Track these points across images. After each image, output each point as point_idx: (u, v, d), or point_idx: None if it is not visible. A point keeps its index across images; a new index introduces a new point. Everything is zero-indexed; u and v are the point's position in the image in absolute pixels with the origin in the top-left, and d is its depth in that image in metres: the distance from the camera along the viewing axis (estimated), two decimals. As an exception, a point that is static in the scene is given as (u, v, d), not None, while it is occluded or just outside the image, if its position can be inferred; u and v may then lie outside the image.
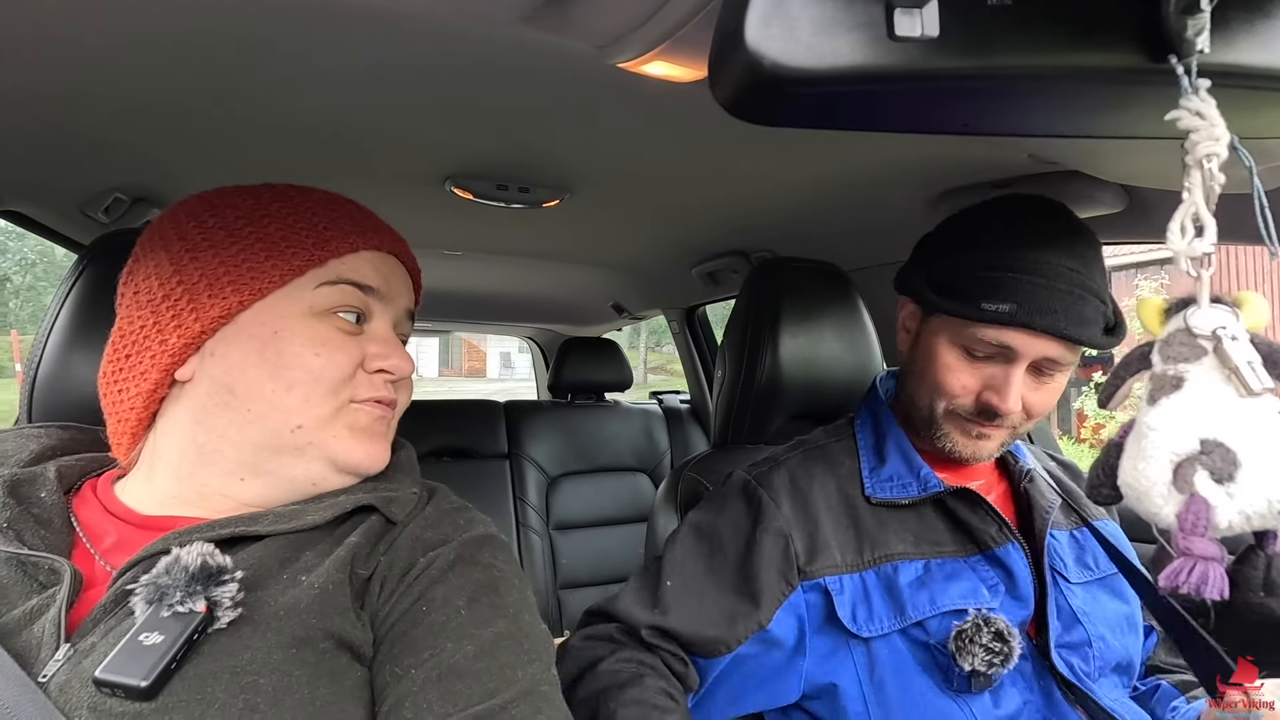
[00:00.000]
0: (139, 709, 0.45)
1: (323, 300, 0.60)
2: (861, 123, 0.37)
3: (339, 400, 0.59)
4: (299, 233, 0.60)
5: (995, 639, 0.72)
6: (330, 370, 0.58)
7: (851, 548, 0.81)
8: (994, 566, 0.80)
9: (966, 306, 0.76)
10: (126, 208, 1.20)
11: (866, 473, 0.86)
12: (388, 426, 0.64)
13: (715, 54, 0.35)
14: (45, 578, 0.52)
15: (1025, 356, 0.75)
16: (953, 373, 0.79)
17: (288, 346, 0.57)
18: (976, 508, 0.82)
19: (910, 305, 0.88)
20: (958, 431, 0.81)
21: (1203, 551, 0.37)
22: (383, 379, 0.62)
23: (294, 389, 0.57)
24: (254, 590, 0.52)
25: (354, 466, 0.60)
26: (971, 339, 0.77)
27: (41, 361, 0.77)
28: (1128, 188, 0.98)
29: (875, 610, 0.77)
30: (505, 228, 1.55)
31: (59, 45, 0.70)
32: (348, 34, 0.69)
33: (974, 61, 0.31)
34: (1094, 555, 0.86)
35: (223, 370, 0.57)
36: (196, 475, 0.58)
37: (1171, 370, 0.41)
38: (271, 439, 0.58)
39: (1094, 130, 0.41)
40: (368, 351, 0.61)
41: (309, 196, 0.63)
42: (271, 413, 0.57)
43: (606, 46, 0.56)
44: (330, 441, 0.59)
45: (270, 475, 0.59)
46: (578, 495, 2.27)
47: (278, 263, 0.58)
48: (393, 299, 0.64)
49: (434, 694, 0.50)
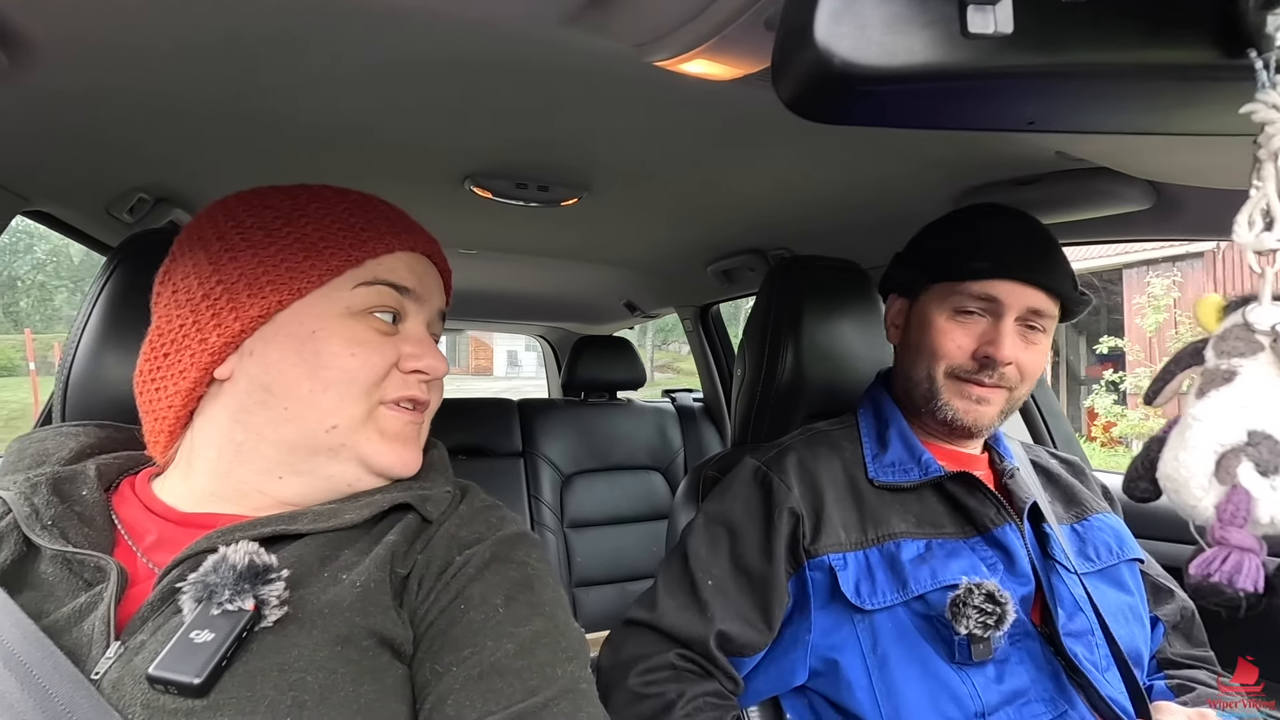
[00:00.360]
0: (191, 706, 0.46)
1: (360, 301, 0.60)
2: (928, 121, 0.37)
3: (372, 401, 0.59)
4: (336, 234, 0.60)
5: (987, 600, 0.75)
6: (365, 370, 0.59)
7: (855, 526, 0.84)
8: (992, 547, 0.83)
9: (951, 270, 0.85)
10: (150, 208, 1.21)
11: (870, 458, 0.89)
12: (419, 431, 0.64)
13: (779, 51, 0.34)
14: (91, 575, 0.53)
15: (1012, 308, 0.83)
16: (946, 334, 0.86)
17: (325, 346, 0.58)
18: (975, 491, 0.85)
19: (897, 302, 0.96)
20: (958, 398, 0.86)
21: (1239, 542, 0.36)
22: (417, 379, 0.62)
23: (330, 389, 0.57)
24: (297, 589, 0.52)
25: (385, 470, 0.60)
26: (960, 298, 0.85)
27: (75, 361, 0.78)
28: (1155, 184, 0.97)
29: (878, 584, 0.80)
30: (521, 226, 1.55)
31: (89, 47, 0.70)
32: (374, 33, 0.69)
33: (1046, 59, 0.31)
34: (1094, 547, 0.89)
35: (261, 369, 0.58)
36: (234, 473, 0.59)
37: (1225, 365, 0.40)
38: (307, 439, 0.58)
39: (1161, 127, 0.40)
40: (402, 351, 0.61)
41: (345, 198, 0.64)
42: (308, 412, 0.57)
43: (646, 45, 0.56)
44: (363, 444, 0.59)
45: (308, 475, 0.59)
46: (592, 493, 2.27)
47: (315, 263, 0.59)
48: (426, 299, 0.65)
49: (476, 692, 0.50)
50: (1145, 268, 7.95)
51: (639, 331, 17.34)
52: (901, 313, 0.94)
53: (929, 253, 0.91)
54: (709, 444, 2.46)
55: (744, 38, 0.48)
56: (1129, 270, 8.18)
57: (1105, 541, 0.90)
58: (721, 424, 2.51)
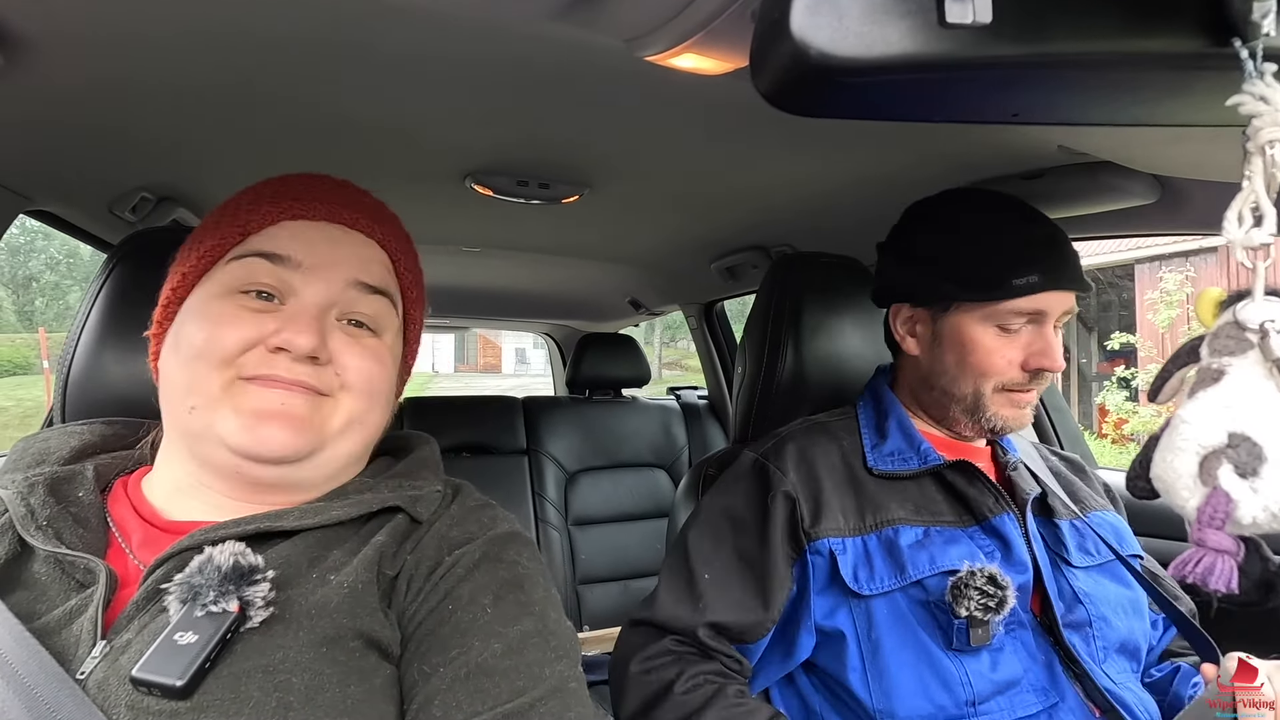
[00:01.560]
0: (175, 707, 0.46)
1: (232, 277, 0.57)
2: (909, 113, 0.36)
3: (226, 377, 0.55)
4: (224, 216, 0.61)
5: (989, 583, 0.75)
6: (213, 345, 0.55)
7: (854, 513, 0.84)
8: (990, 536, 0.83)
9: (998, 288, 0.81)
10: (152, 206, 1.22)
11: (869, 448, 0.89)
12: (304, 411, 0.56)
13: (758, 43, 0.34)
14: (82, 577, 0.53)
15: (1052, 315, 0.83)
16: (995, 353, 0.83)
17: (184, 328, 0.58)
18: (974, 480, 0.85)
19: (908, 310, 0.91)
20: (1007, 406, 0.85)
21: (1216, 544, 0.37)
22: (285, 358, 0.56)
23: (184, 368, 0.56)
24: (284, 589, 0.52)
25: (241, 449, 0.55)
26: (1006, 316, 0.82)
27: (74, 359, 0.78)
28: (1160, 178, 0.95)
29: (876, 570, 0.80)
30: (524, 224, 1.54)
31: (88, 47, 0.71)
32: (374, 31, 0.69)
33: (1027, 48, 0.30)
34: (1095, 543, 0.89)
35: (160, 360, 0.60)
36: (174, 462, 0.60)
37: (1215, 363, 0.40)
38: (179, 422, 0.57)
39: (1149, 118, 0.39)
40: (269, 329, 0.56)
41: (266, 182, 0.63)
42: (173, 393, 0.57)
43: (636, 39, 0.55)
44: (218, 422, 0.55)
45: (207, 462, 0.57)
46: (596, 491, 2.28)
47: (198, 246, 0.60)
48: (321, 268, 0.58)
49: (463, 692, 0.50)
50: (1157, 263, 7.87)
51: (646, 329, 17.29)
52: (918, 323, 0.90)
53: (955, 264, 0.85)
54: (713, 441, 2.46)
55: (731, 31, 0.47)
56: (1140, 265, 8.10)
57: (1105, 538, 0.90)
58: (726, 421, 2.50)
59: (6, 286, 19.63)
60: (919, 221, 0.92)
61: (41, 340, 13.01)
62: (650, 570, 2.22)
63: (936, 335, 0.88)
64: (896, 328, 0.93)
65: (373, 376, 0.60)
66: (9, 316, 19.74)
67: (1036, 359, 0.82)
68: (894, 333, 0.94)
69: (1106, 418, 8.00)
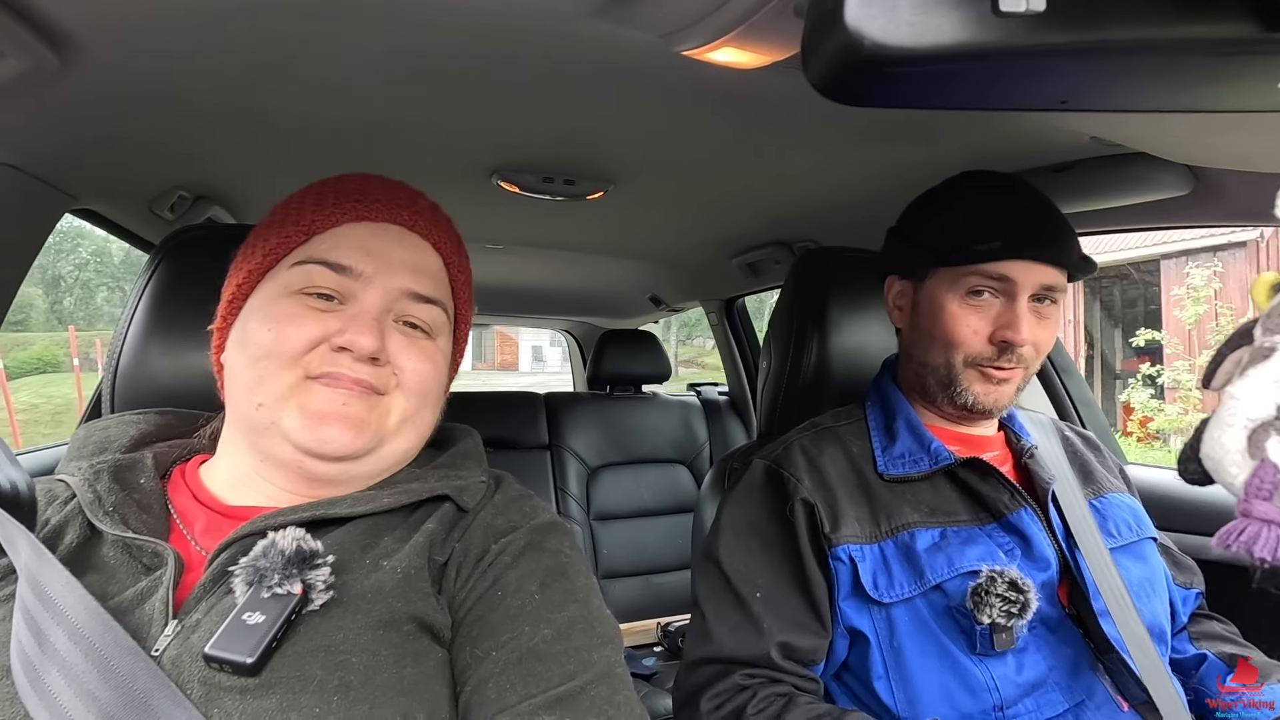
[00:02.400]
0: (245, 684, 0.48)
1: (295, 280, 0.60)
2: (959, 101, 0.37)
3: (294, 376, 0.57)
4: (288, 215, 0.62)
5: (1010, 588, 0.74)
6: (281, 344, 0.57)
7: (868, 520, 0.83)
8: (1009, 533, 0.82)
9: (961, 252, 0.82)
10: (189, 205, 1.25)
11: (879, 451, 0.88)
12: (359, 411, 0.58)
13: (809, 34, 0.34)
14: (149, 560, 0.55)
15: (1024, 288, 0.82)
16: (961, 320, 0.83)
17: (251, 326, 0.60)
18: (988, 477, 0.84)
19: (898, 284, 0.93)
20: (978, 381, 0.84)
21: (1262, 514, 0.37)
22: (347, 358, 0.58)
23: (252, 366, 0.58)
24: (340, 574, 0.54)
25: (307, 447, 0.57)
26: (971, 281, 0.83)
27: (121, 354, 0.81)
28: (1195, 170, 0.94)
29: (895, 577, 0.79)
30: (547, 220, 1.56)
31: (132, 47, 0.73)
32: (406, 29, 0.71)
33: (1079, 35, 0.31)
34: (1115, 523, 0.87)
35: (226, 355, 0.62)
36: (235, 455, 0.62)
37: (1268, 341, 0.40)
38: (246, 418, 0.59)
39: (1199, 105, 0.39)
40: (332, 328, 0.58)
41: (327, 180, 0.65)
42: (241, 390, 0.59)
43: (673, 34, 0.56)
44: (284, 420, 0.57)
45: (270, 457, 0.59)
46: (618, 486, 2.29)
47: (263, 245, 0.61)
48: (380, 275, 0.60)
49: (515, 676, 0.52)
50: (1184, 258, 7.72)
51: (663, 326, 17.36)
52: (904, 295, 0.92)
53: (932, 233, 0.87)
54: (734, 437, 2.46)
55: (773, 24, 0.48)
56: (1167, 260, 7.96)
57: (1124, 519, 0.89)
58: (747, 417, 2.50)
59: (39, 286, 20.11)
60: (915, 202, 0.94)
61: (71, 338, 13.28)
62: (671, 565, 2.23)
63: (916, 305, 0.90)
64: (889, 301, 0.95)
65: (426, 377, 0.62)
66: (40, 315, 20.21)
67: (1001, 331, 0.82)
68: (887, 307, 0.96)
69: (1131, 415, 7.87)
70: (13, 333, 16.99)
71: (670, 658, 1.95)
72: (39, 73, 0.71)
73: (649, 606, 2.14)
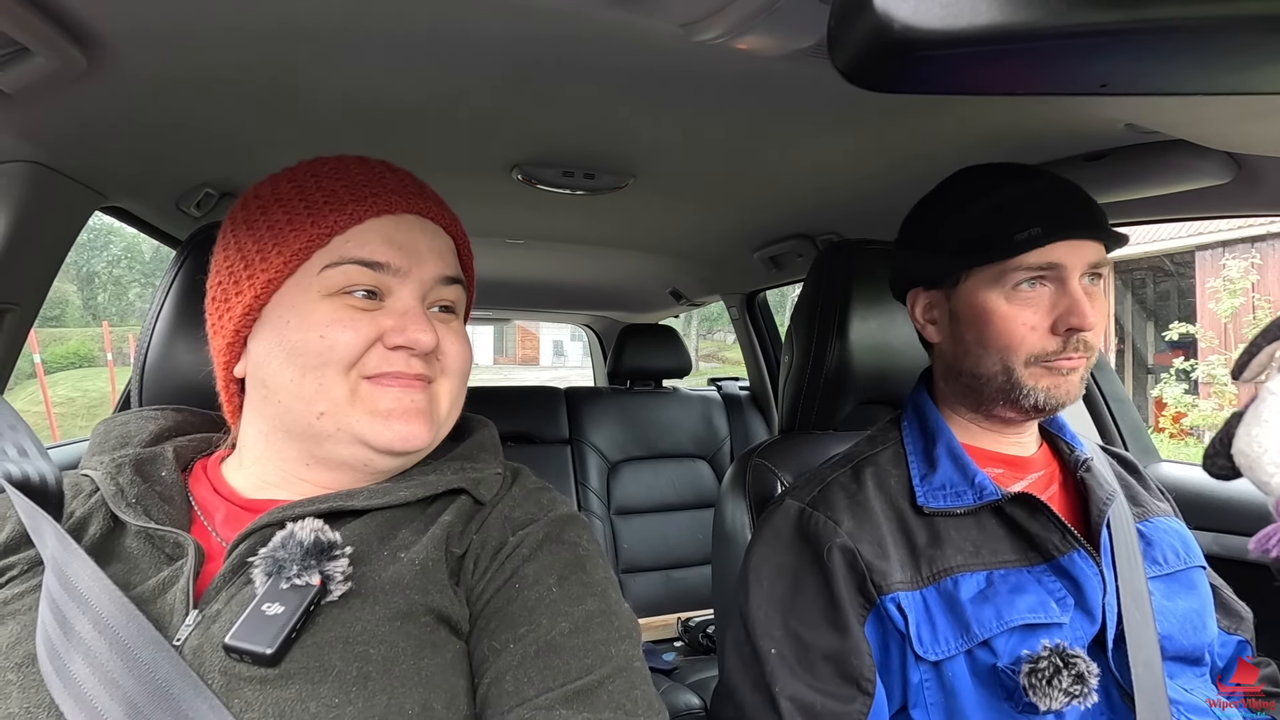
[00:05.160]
0: (265, 674, 0.48)
1: (332, 283, 0.58)
2: (992, 86, 0.35)
3: (352, 381, 0.57)
4: (300, 214, 0.59)
5: (1076, 682, 0.67)
6: (337, 351, 0.56)
7: (910, 564, 0.76)
8: (1060, 577, 0.75)
9: (999, 247, 0.75)
10: (215, 202, 1.26)
11: (917, 480, 0.81)
12: (422, 404, 0.59)
13: (836, 19, 0.33)
14: (171, 550, 0.56)
15: (1074, 269, 0.75)
16: (1014, 319, 0.76)
17: (297, 333, 0.57)
18: (1037, 514, 0.77)
19: (923, 296, 0.86)
20: (1045, 377, 0.77)
21: None
22: (404, 355, 0.58)
23: (307, 375, 0.57)
24: (358, 565, 0.54)
25: (386, 447, 0.58)
26: (1016, 274, 0.76)
27: (149, 349, 0.82)
28: (1236, 157, 0.91)
29: (939, 630, 0.73)
30: (568, 215, 1.56)
31: (157, 45, 0.74)
32: (430, 24, 0.71)
33: (1119, 14, 0.29)
34: (1162, 550, 0.81)
35: (256, 366, 0.60)
36: (273, 461, 0.61)
37: None
38: (305, 427, 0.58)
39: (1245, 86, 0.37)
40: (385, 326, 0.58)
41: (319, 169, 0.62)
42: (296, 402, 0.57)
43: (695, 24, 0.55)
44: (355, 424, 0.57)
45: (326, 459, 0.59)
46: (638, 481, 2.29)
47: (281, 249, 0.58)
48: (414, 268, 0.60)
49: (534, 668, 0.52)
50: (1220, 249, 7.51)
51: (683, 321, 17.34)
52: (934, 306, 0.85)
53: (957, 233, 0.80)
54: (755, 432, 2.44)
55: (796, 10, 0.47)
56: (1202, 252, 7.74)
57: (1172, 545, 0.83)
58: (768, 412, 2.48)
59: (73, 282, 20.66)
60: (919, 207, 0.88)
61: (105, 334, 13.61)
62: (692, 560, 2.22)
63: (953, 315, 0.82)
64: (917, 318, 0.87)
65: (465, 358, 0.64)
66: (74, 311, 20.78)
67: (1065, 319, 0.74)
68: (916, 324, 0.88)
69: (1164, 411, 7.69)
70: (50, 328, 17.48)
71: (691, 653, 1.94)
72: (67, 72, 0.72)
73: (670, 601, 2.14)
